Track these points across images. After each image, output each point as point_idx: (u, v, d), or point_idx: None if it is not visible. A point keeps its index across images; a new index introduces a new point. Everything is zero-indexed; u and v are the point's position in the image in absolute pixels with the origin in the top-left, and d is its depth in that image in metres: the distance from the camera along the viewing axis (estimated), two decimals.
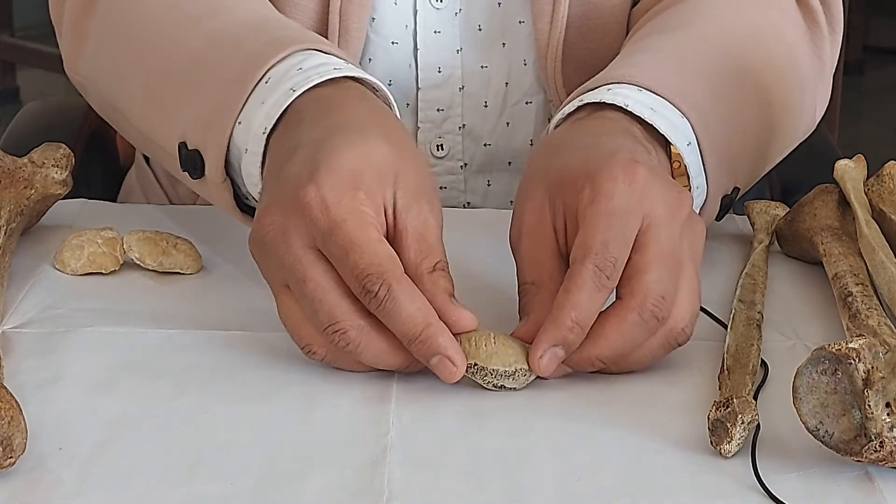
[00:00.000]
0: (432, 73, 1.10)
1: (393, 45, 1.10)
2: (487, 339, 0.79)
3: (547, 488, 0.70)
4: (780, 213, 0.99)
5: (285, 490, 0.69)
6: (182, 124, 0.92)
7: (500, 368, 0.78)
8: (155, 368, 0.80)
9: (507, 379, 0.78)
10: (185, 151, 0.91)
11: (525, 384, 0.79)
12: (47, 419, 0.74)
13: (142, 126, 0.99)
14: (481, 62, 1.11)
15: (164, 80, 0.95)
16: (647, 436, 0.75)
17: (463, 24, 1.10)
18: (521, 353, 0.79)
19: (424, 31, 1.10)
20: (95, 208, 1.04)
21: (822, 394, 0.71)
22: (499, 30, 1.11)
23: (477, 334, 0.79)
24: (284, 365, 0.81)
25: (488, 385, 0.79)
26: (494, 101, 1.12)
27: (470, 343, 0.78)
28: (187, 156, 0.91)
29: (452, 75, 1.11)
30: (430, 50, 1.10)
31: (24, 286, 0.90)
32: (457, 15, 1.10)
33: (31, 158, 0.95)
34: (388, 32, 1.09)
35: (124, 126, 1.04)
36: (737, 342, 0.82)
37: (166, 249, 0.92)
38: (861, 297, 0.85)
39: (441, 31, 1.10)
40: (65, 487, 0.69)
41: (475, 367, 0.78)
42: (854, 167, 0.98)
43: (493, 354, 0.78)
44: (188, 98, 0.92)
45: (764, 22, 1.05)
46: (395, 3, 1.09)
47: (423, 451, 0.73)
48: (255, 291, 0.90)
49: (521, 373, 0.79)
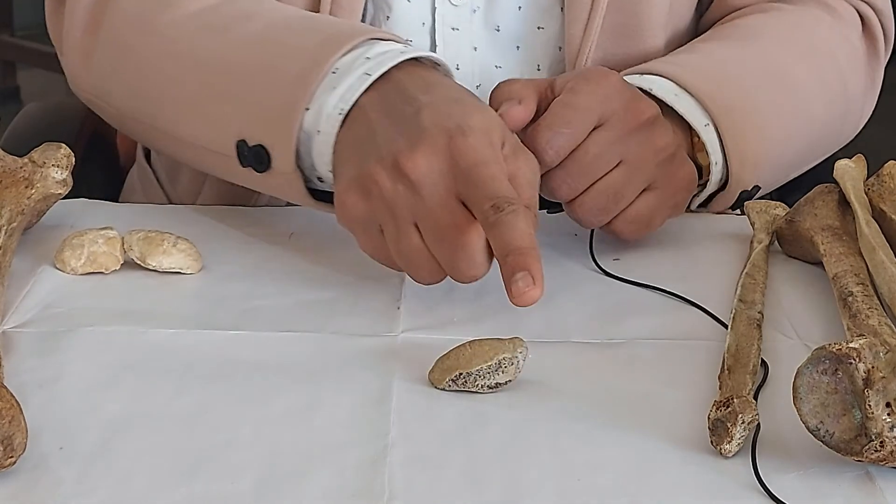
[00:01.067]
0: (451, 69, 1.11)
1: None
2: (462, 349, 0.80)
3: (547, 488, 0.70)
4: (780, 213, 0.99)
5: (285, 490, 0.69)
6: (237, 125, 0.94)
7: (483, 366, 0.78)
8: (155, 368, 0.80)
9: (495, 374, 0.78)
10: (247, 149, 0.93)
11: (516, 373, 0.79)
12: (48, 419, 0.74)
13: (181, 133, 1.00)
14: (496, 62, 1.12)
15: (204, 87, 0.97)
16: (647, 436, 0.75)
17: (481, 24, 1.11)
18: (498, 345, 0.79)
19: (443, 27, 1.10)
20: (95, 208, 1.04)
21: (823, 394, 0.71)
22: (516, 33, 1.11)
23: (457, 348, 0.80)
24: (285, 365, 0.81)
25: (482, 389, 0.79)
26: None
27: (448, 358, 0.79)
28: (251, 152, 0.93)
29: (469, 73, 1.11)
30: (448, 47, 1.11)
31: (25, 286, 0.90)
32: (474, 13, 1.10)
33: (31, 158, 0.95)
34: (403, 30, 1.10)
35: (153, 136, 1.05)
36: (737, 342, 0.82)
37: (167, 249, 0.92)
38: (861, 296, 0.85)
39: (459, 29, 1.11)
40: (65, 487, 0.69)
41: (461, 377, 0.78)
42: (854, 167, 0.98)
43: (472, 357, 0.79)
44: (240, 100, 0.95)
45: (821, 45, 1.11)
46: (409, 1, 1.10)
47: (423, 451, 0.73)
48: (255, 291, 0.90)
49: (506, 362, 0.79)
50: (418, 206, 0.85)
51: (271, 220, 1.01)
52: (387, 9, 1.09)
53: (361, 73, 0.90)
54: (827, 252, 0.92)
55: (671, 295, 0.92)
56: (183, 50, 0.99)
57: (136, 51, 1.03)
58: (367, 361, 0.82)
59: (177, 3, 1.01)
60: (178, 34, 1.00)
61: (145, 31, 1.02)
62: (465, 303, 0.90)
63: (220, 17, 1.00)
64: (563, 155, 0.93)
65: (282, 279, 0.93)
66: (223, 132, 0.95)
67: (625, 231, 0.97)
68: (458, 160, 0.84)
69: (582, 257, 0.97)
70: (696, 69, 1.03)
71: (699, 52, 1.08)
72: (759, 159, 1.02)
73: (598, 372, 0.82)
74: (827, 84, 1.11)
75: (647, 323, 0.88)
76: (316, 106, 0.91)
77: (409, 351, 0.83)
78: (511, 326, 0.86)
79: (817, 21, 1.13)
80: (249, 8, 1.00)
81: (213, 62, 0.97)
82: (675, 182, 0.98)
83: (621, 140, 0.94)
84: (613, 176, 0.94)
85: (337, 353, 0.83)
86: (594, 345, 0.85)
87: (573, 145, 0.93)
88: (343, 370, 0.80)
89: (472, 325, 0.86)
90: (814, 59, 1.11)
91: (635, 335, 0.87)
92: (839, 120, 1.13)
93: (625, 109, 0.95)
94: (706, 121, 1.00)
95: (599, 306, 0.90)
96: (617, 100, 0.95)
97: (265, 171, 0.93)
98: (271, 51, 0.95)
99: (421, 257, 0.85)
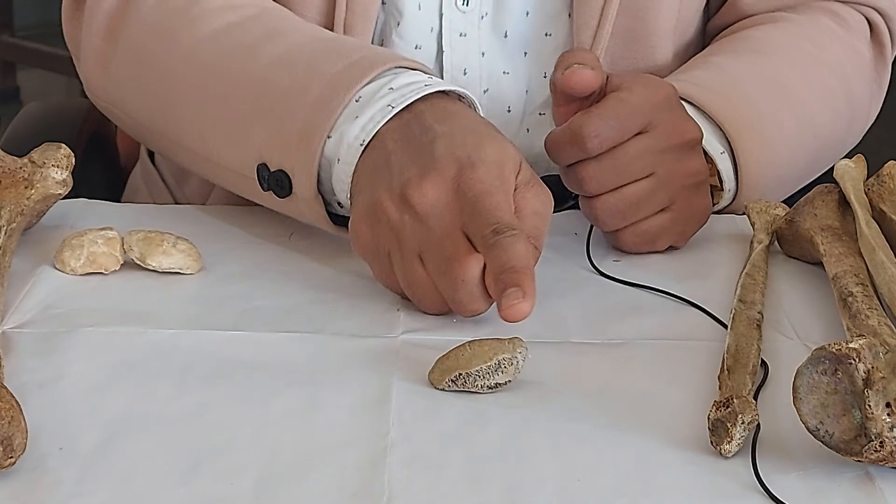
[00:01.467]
0: (458, 74, 1.11)
1: (417, 49, 1.10)
2: (462, 349, 0.79)
3: (547, 488, 0.70)
4: (780, 213, 0.99)
5: (285, 490, 0.69)
6: (258, 147, 0.94)
7: (483, 366, 0.78)
8: (155, 368, 0.80)
9: (495, 374, 0.78)
10: (268, 173, 0.93)
11: (516, 373, 0.79)
12: (47, 419, 0.74)
13: (200, 149, 1.00)
14: (503, 68, 1.12)
15: (227, 106, 0.97)
16: (647, 436, 0.75)
17: (489, 29, 1.11)
18: (497, 345, 0.79)
19: (450, 33, 1.10)
20: (96, 208, 1.04)
21: (823, 394, 0.71)
22: (524, 39, 1.11)
23: (457, 348, 0.80)
24: (284, 365, 0.81)
25: (482, 389, 0.79)
26: (517, 107, 1.12)
27: (448, 358, 0.79)
28: (271, 177, 0.93)
29: (477, 77, 1.11)
30: (455, 52, 1.11)
31: (25, 286, 0.90)
32: (482, 18, 1.10)
33: (31, 158, 0.95)
34: (413, 37, 1.10)
35: (169, 148, 1.05)
36: (737, 342, 0.82)
37: (167, 250, 0.92)
38: (861, 297, 0.85)
39: (466, 35, 1.11)
40: (65, 487, 0.69)
41: (460, 378, 0.78)
42: (854, 167, 0.98)
43: (472, 358, 0.79)
44: (262, 121, 0.94)
45: (831, 58, 1.12)
46: (420, 8, 1.10)
47: (423, 451, 0.73)
48: (255, 291, 0.90)
49: (505, 362, 0.79)
50: (423, 236, 0.85)
51: (271, 220, 1.01)
52: (398, 15, 1.09)
53: (384, 104, 0.90)
54: (827, 252, 0.92)
55: (671, 295, 0.92)
56: (206, 66, 0.99)
57: (156, 63, 1.02)
58: (367, 362, 0.82)
59: (201, 17, 1.01)
60: (201, 49, 1.00)
61: (167, 44, 1.02)
62: None
63: (246, 35, 0.99)
64: (605, 147, 0.93)
65: (282, 279, 0.93)
66: (244, 153, 0.95)
67: (628, 242, 0.96)
68: (464, 191, 0.85)
69: (582, 258, 0.97)
70: (713, 90, 1.03)
71: (713, 68, 1.08)
72: (768, 182, 1.03)
73: (597, 372, 0.82)
74: (835, 98, 1.11)
75: (647, 323, 0.88)
76: (337, 134, 0.90)
77: (408, 352, 0.83)
78: (510, 328, 0.86)
79: (827, 33, 1.13)
80: (275, 26, 1.00)
81: (236, 81, 0.97)
82: (692, 210, 0.98)
83: (660, 152, 0.94)
84: (641, 185, 0.94)
85: (337, 353, 0.83)
86: (594, 345, 0.85)
87: (617, 141, 0.93)
88: (343, 371, 0.80)
89: (472, 326, 0.86)
90: (823, 73, 1.11)
91: (635, 335, 0.87)
92: (844, 132, 1.14)
93: (671, 124, 0.95)
94: (722, 148, 1.00)
95: (599, 307, 0.90)
96: (667, 112, 0.95)
97: (286, 196, 0.93)
98: (295, 74, 0.94)
99: (425, 288, 0.86)
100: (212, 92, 0.98)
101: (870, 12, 1.17)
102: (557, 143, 0.94)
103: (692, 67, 1.09)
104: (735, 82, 1.05)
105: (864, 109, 1.16)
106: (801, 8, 1.16)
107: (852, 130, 1.16)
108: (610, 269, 0.96)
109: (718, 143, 1.00)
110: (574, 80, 0.92)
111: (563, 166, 0.95)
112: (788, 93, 1.07)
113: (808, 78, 1.09)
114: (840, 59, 1.12)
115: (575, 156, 0.93)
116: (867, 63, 1.16)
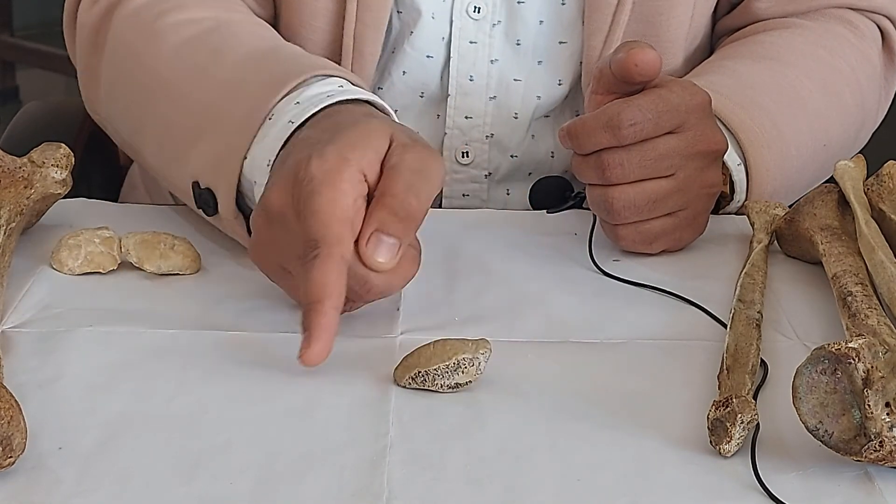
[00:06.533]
0: (464, 80, 1.11)
1: (428, 58, 1.10)
2: (425, 347, 0.79)
3: (546, 488, 0.70)
4: (779, 213, 0.99)
5: (285, 490, 0.69)
6: (192, 165, 0.94)
7: (441, 365, 0.78)
8: (155, 368, 0.80)
9: (454, 374, 0.78)
10: (199, 190, 0.94)
11: (477, 374, 0.79)
12: (47, 419, 0.74)
13: (155, 165, 1.02)
14: (515, 75, 1.12)
15: (173, 125, 0.98)
16: (647, 436, 0.75)
17: (502, 37, 1.11)
18: (460, 345, 0.79)
19: (460, 41, 1.10)
20: (95, 208, 1.04)
21: (822, 393, 0.71)
22: (537, 48, 1.11)
23: (422, 346, 0.80)
24: (284, 365, 0.81)
25: (443, 388, 0.78)
26: (524, 114, 1.12)
27: (411, 356, 0.79)
28: (200, 195, 0.94)
29: (484, 85, 1.11)
30: (463, 59, 1.11)
31: (24, 286, 0.90)
32: (494, 27, 1.10)
33: (30, 158, 0.95)
34: (424, 46, 1.10)
35: (143, 164, 1.07)
36: (736, 342, 0.82)
37: (164, 252, 0.92)
38: (861, 296, 0.85)
39: (477, 42, 1.11)
40: (65, 487, 0.69)
41: (419, 375, 0.78)
42: (854, 167, 0.98)
43: (432, 356, 0.79)
44: (199, 142, 0.94)
45: (843, 66, 1.12)
46: (433, 17, 1.10)
47: (423, 451, 0.73)
48: (255, 291, 0.90)
49: (465, 362, 0.78)
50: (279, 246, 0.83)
51: None
52: (412, 24, 1.10)
53: (286, 121, 0.89)
54: (826, 252, 0.92)
55: (671, 295, 0.92)
56: (163, 86, 1.00)
57: (126, 80, 1.04)
58: (367, 362, 0.82)
59: (163, 32, 1.01)
60: (159, 68, 1.01)
61: (132, 61, 1.03)
62: (464, 304, 0.90)
63: (197, 53, 0.99)
64: (637, 138, 0.92)
65: None
66: (183, 171, 0.96)
67: (627, 238, 0.96)
68: (295, 196, 0.81)
69: (582, 257, 0.97)
70: (730, 98, 1.03)
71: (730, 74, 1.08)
72: (777, 191, 1.03)
73: (597, 372, 0.82)
74: (847, 108, 1.11)
75: (647, 323, 0.88)
76: (251, 155, 0.90)
77: (408, 352, 0.83)
78: (510, 328, 0.86)
79: (841, 41, 1.13)
80: (221, 44, 0.99)
81: (185, 101, 0.97)
82: (694, 220, 0.98)
83: (686, 156, 0.94)
84: (661, 183, 0.94)
85: (336, 353, 0.83)
86: (594, 345, 0.85)
87: (651, 134, 0.93)
88: (342, 371, 0.80)
89: (472, 327, 0.86)
90: (838, 83, 1.11)
91: (635, 335, 0.87)
92: (853, 141, 1.14)
93: (702, 130, 0.95)
94: (739, 160, 1.01)
95: (599, 306, 0.90)
96: (700, 118, 0.95)
97: (213, 214, 0.93)
98: (227, 95, 0.94)
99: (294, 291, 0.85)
100: (163, 111, 0.99)
101: (881, 20, 1.17)
102: (588, 128, 0.93)
103: (708, 72, 1.09)
104: (752, 91, 1.05)
105: (871, 118, 1.17)
106: (813, 14, 1.15)
107: (859, 138, 1.16)
108: (610, 268, 0.96)
109: (736, 155, 1.01)
110: (640, 57, 0.92)
111: (582, 154, 0.94)
112: (804, 103, 1.07)
113: (823, 88, 1.09)
114: (853, 69, 1.12)
115: (605, 142, 0.92)
116: (878, 71, 1.16)
